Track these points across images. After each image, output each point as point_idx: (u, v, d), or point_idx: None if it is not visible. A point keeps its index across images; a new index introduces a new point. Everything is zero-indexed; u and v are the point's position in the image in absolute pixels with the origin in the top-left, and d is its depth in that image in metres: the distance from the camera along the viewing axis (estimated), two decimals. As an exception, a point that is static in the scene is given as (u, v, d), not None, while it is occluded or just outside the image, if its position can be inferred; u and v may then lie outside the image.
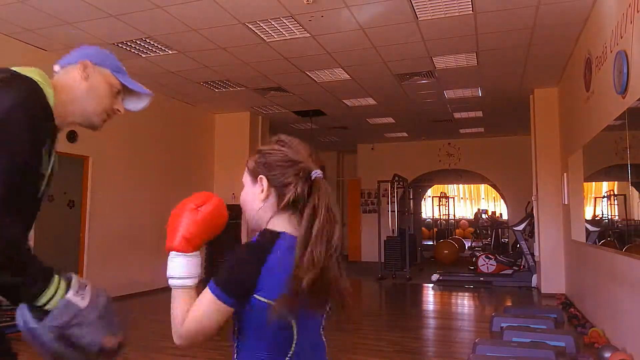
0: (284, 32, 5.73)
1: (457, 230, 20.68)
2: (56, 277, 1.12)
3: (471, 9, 5.11)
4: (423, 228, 17.66)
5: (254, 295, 1.10)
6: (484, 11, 5.18)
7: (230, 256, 1.14)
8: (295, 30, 5.67)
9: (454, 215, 21.06)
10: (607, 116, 4.59)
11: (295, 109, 9.60)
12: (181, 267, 1.14)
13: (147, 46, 6.16)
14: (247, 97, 8.64)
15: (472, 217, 22.50)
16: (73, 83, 1.44)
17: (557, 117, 7.94)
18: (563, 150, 7.57)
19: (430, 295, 8.41)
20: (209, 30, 5.67)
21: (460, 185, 22.13)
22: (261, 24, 5.49)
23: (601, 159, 5.39)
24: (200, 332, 1.10)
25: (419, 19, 5.37)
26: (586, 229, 6.04)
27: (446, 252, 12.82)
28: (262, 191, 1.21)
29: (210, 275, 1.07)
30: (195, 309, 1.10)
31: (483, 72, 7.25)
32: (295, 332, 1.14)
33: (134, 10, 5.10)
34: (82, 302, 1.10)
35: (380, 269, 10.19)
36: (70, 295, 1.10)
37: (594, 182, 5.96)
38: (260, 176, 1.21)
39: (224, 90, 8.18)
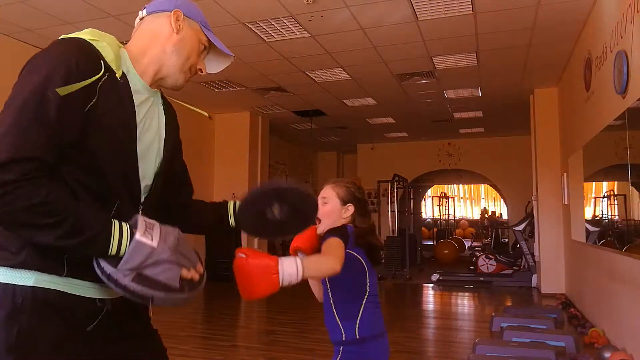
0: (284, 32, 5.73)
1: (457, 230, 20.69)
2: (115, 222, 1.10)
3: (471, 9, 5.11)
4: (423, 228, 17.64)
5: (346, 249, 1.72)
6: (484, 11, 5.18)
7: (335, 230, 1.81)
8: (295, 30, 5.67)
9: (454, 215, 21.06)
10: (607, 116, 4.59)
11: (295, 109, 9.60)
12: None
13: (147, 46, 6.15)
14: (247, 97, 8.64)
15: (472, 217, 22.53)
16: (162, 33, 1.30)
17: (557, 117, 7.94)
18: (563, 150, 7.57)
19: (430, 295, 8.40)
20: (209, 30, 5.67)
21: (460, 185, 22.14)
22: (261, 24, 5.49)
23: (601, 159, 5.39)
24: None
25: (419, 19, 5.37)
26: (586, 229, 6.04)
27: (446, 252, 12.80)
28: (348, 213, 1.92)
29: (211, 273, 1.10)
30: (333, 248, 1.66)
31: (483, 72, 7.25)
32: (367, 279, 1.84)
33: (134, 11, 5.07)
34: (152, 242, 1.09)
35: (380, 269, 10.18)
36: (138, 236, 1.08)
37: (594, 182, 5.96)
38: (350, 204, 1.91)
39: (223, 90, 8.18)
